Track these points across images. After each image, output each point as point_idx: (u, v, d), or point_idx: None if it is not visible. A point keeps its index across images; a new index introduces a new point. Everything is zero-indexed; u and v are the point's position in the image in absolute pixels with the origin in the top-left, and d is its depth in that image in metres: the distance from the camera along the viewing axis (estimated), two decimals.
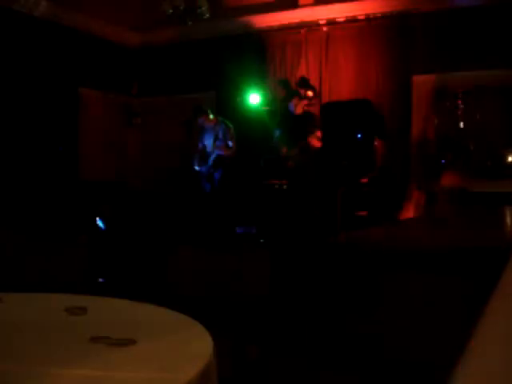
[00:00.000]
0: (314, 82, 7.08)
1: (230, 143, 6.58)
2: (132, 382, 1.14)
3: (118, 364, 1.20)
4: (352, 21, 7.17)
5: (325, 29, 7.36)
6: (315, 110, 6.74)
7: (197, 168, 6.76)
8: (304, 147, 5.93)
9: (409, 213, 5.50)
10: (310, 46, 7.48)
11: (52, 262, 2.35)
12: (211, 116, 6.68)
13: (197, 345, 1.32)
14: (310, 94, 6.43)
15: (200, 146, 6.77)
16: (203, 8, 6.02)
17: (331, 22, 7.31)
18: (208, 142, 6.69)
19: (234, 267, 2.14)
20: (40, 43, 6.86)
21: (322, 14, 7.32)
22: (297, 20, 7.46)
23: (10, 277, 2.21)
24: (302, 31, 7.50)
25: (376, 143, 6.37)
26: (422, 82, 6.73)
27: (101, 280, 4.22)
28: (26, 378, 1.13)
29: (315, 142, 5.93)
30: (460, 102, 6.38)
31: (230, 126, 6.67)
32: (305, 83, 6.57)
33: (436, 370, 1.62)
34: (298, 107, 6.27)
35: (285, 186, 6.33)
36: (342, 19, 7.23)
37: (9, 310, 1.63)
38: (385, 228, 2.96)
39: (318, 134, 6.13)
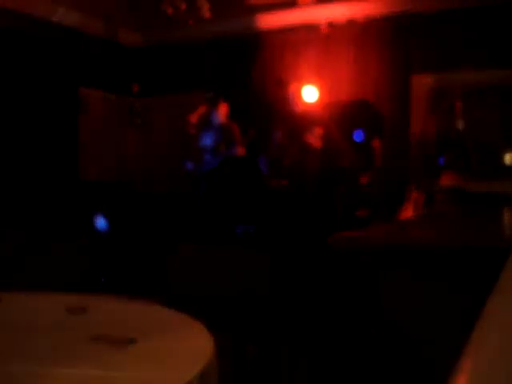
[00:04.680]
0: (313, 81, 7.08)
1: (239, 142, 6.58)
2: (132, 382, 1.14)
3: (118, 363, 1.21)
4: (352, 21, 7.17)
5: (325, 29, 7.36)
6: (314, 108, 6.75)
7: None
8: (303, 146, 5.94)
9: (408, 213, 5.51)
10: (310, 46, 7.48)
11: (52, 261, 2.36)
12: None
13: (197, 344, 1.32)
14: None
15: (203, 143, 6.71)
16: (203, 8, 6.02)
17: (331, 23, 7.30)
18: (211, 140, 6.65)
19: (233, 267, 2.14)
20: (40, 43, 6.86)
21: (321, 14, 7.32)
22: (296, 20, 7.46)
23: (10, 277, 2.21)
24: (302, 32, 7.50)
25: (375, 143, 6.37)
26: (421, 81, 6.73)
27: (101, 280, 4.22)
28: (25, 378, 1.14)
29: (315, 140, 5.94)
30: (459, 102, 6.38)
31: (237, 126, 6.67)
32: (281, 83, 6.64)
33: (436, 369, 1.62)
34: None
35: (285, 186, 6.33)
36: (341, 20, 7.23)
37: (9, 310, 1.63)
38: (383, 228, 2.96)
39: (318, 132, 6.14)
